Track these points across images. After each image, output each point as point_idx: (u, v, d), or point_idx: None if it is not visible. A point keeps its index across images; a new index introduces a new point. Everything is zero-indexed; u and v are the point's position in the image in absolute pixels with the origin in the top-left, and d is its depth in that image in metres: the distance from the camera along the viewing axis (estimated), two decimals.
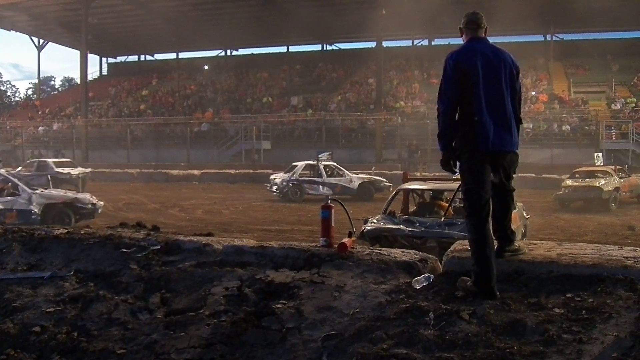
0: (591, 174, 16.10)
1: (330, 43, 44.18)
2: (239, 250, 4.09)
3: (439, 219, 6.95)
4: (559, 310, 2.86)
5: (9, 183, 11.17)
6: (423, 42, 40.47)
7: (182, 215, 14.13)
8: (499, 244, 3.44)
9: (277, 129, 33.37)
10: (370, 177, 18.77)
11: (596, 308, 2.83)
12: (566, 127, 28.23)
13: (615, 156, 24.94)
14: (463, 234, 5.10)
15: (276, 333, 2.98)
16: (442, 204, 7.62)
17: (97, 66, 50.63)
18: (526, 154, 21.19)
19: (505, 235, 3.48)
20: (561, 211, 14.80)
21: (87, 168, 22.94)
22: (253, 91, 39.89)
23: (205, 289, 3.52)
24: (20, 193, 10.85)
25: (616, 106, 29.74)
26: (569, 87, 33.05)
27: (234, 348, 2.91)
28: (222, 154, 31.75)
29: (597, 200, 14.70)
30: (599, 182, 15.11)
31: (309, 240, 5.70)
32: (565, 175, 16.94)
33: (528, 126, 27.40)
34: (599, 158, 20.36)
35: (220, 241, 4.37)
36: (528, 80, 32.82)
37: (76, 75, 49.94)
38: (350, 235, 4.30)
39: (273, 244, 4.19)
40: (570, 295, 3.01)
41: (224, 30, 38.24)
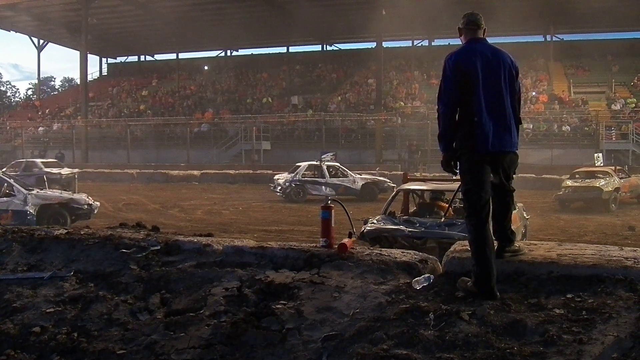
0: (591, 175, 16.10)
1: (330, 43, 44.22)
2: (239, 250, 4.09)
3: (439, 220, 6.94)
4: (559, 311, 2.86)
5: (4, 184, 11.12)
6: (423, 43, 40.51)
7: (182, 216, 14.13)
8: (499, 244, 3.44)
9: (277, 130, 33.39)
10: (374, 178, 18.75)
11: (596, 308, 2.83)
12: (566, 128, 28.25)
13: (615, 156, 24.99)
14: (463, 234, 5.10)
15: (276, 333, 2.98)
16: (442, 204, 7.62)
17: (97, 66, 50.85)
18: (526, 154, 21.20)
19: (506, 235, 3.48)
20: (561, 211, 14.80)
21: (75, 168, 22.70)
22: (253, 91, 39.91)
23: (205, 289, 3.52)
24: (16, 194, 10.81)
25: (616, 107, 29.77)
26: (569, 88, 33.06)
27: (234, 348, 2.91)
28: (222, 154, 31.76)
29: (597, 201, 14.71)
30: (599, 183, 15.11)
31: (309, 241, 5.69)
32: (565, 176, 16.94)
33: (528, 127, 27.42)
34: (599, 158, 20.39)
35: (220, 242, 4.36)
36: (528, 80, 32.82)
37: (76, 76, 50.07)
38: (350, 235, 4.29)
39: (273, 244, 4.18)
40: (570, 295, 3.01)
41: (224, 30, 38.27)
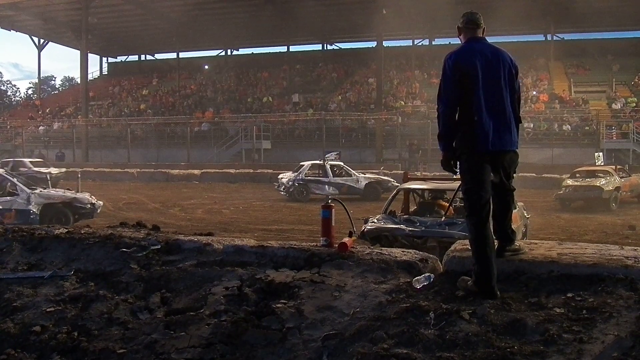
0: (592, 174, 16.10)
1: (331, 43, 44.22)
2: (239, 249, 4.09)
3: (440, 219, 6.94)
4: (560, 310, 2.86)
5: (7, 183, 11.11)
6: (423, 42, 40.47)
7: (183, 215, 14.14)
8: (499, 243, 3.44)
9: (278, 129, 33.39)
10: (378, 177, 18.73)
11: (597, 308, 2.83)
12: (567, 127, 28.23)
13: (615, 156, 24.99)
14: (463, 233, 5.09)
15: (276, 333, 2.98)
16: (443, 203, 7.62)
17: (98, 66, 50.78)
18: (527, 153, 21.23)
19: (506, 234, 3.47)
20: (562, 211, 14.80)
21: (62, 168, 22.64)
22: (253, 91, 39.90)
23: (206, 288, 3.52)
24: (19, 193, 10.79)
25: (617, 106, 29.75)
26: (570, 87, 33.03)
27: (234, 348, 2.90)
28: (222, 153, 31.76)
29: (598, 200, 14.70)
30: (600, 182, 15.10)
31: (309, 240, 5.69)
32: (566, 175, 16.94)
33: (529, 126, 27.40)
34: (600, 158, 20.40)
35: (220, 241, 4.36)
36: (528, 80, 32.80)
37: (76, 75, 50.05)
38: (350, 235, 4.29)
39: (273, 243, 4.18)
40: (570, 294, 3.01)
41: (224, 29, 38.27)
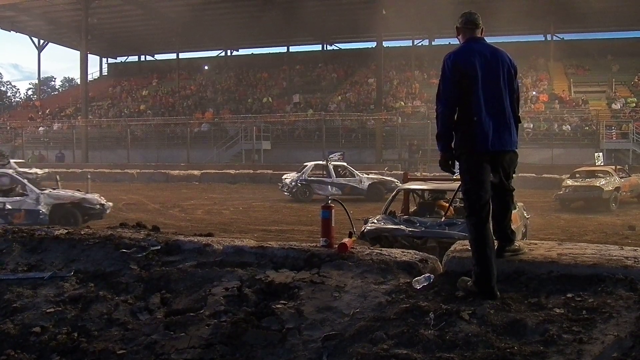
0: (591, 174, 16.09)
1: (330, 43, 44.21)
2: (239, 250, 4.09)
3: (439, 219, 6.94)
4: (560, 310, 2.86)
5: (17, 183, 11.08)
6: (423, 42, 40.49)
7: (182, 216, 14.13)
8: (499, 244, 3.44)
9: (277, 129, 33.38)
10: (381, 178, 18.68)
11: (596, 308, 2.83)
12: (566, 127, 28.22)
13: (615, 156, 24.98)
14: (463, 234, 5.09)
15: (276, 333, 2.98)
16: (443, 204, 7.61)
17: (97, 66, 50.84)
18: (526, 154, 21.20)
19: (506, 235, 3.47)
20: (561, 211, 14.79)
21: (46, 169, 22.68)
22: (253, 91, 39.90)
23: (206, 289, 3.52)
24: (29, 193, 10.77)
25: (616, 106, 29.74)
26: (569, 87, 33.04)
27: (234, 348, 2.90)
28: (222, 154, 31.75)
29: (598, 200, 14.69)
30: (600, 182, 15.09)
31: (309, 241, 5.69)
32: (566, 175, 16.92)
33: (528, 126, 27.40)
34: (600, 158, 20.37)
35: (220, 241, 4.36)
36: (528, 80, 32.81)
37: (76, 76, 50.09)
38: (350, 235, 4.29)
39: (273, 244, 4.19)
40: (570, 295, 3.01)
41: (224, 30, 38.25)
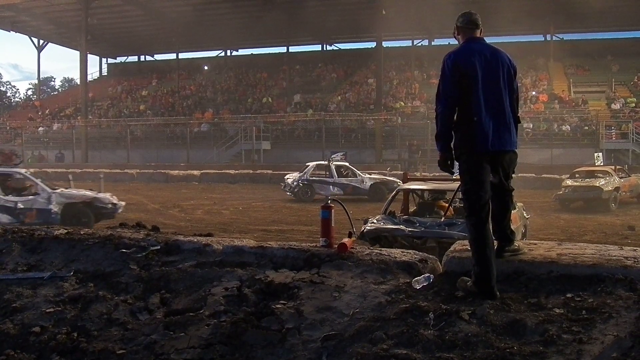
0: (591, 174, 16.08)
1: (330, 43, 44.21)
2: (239, 250, 4.09)
3: (439, 219, 6.93)
4: (559, 311, 2.86)
5: (28, 182, 11.01)
6: (423, 42, 40.51)
7: (182, 216, 14.12)
8: (498, 244, 3.44)
9: (277, 129, 33.38)
10: (383, 178, 18.66)
11: (596, 308, 2.83)
12: (566, 127, 28.23)
13: (615, 156, 24.98)
14: (463, 234, 5.09)
15: (276, 333, 2.98)
16: (442, 204, 7.62)
17: (97, 66, 50.85)
18: (526, 154, 21.22)
19: (505, 235, 3.48)
20: (561, 211, 14.79)
21: (31, 168, 22.71)
22: (253, 91, 39.90)
23: (205, 289, 3.52)
24: (40, 192, 10.70)
25: (616, 106, 29.75)
26: (569, 87, 33.05)
27: (233, 348, 2.90)
28: (222, 154, 31.76)
29: (597, 200, 14.68)
30: (599, 182, 15.09)
31: (308, 241, 5.69)
32: (565, 175, 16.93)
33: (528, 126, 27.40)
34: (599, 158, 20.38)
35: (220, 241, 4.36)
36: (528, 80, 32.82)
37: (76, 76, 50.12)
38: (350, 235, 4.29)
39: (273, 244, 4.18)
40: (570, 295, 3.01)
41: (224, 30, 38.25)
